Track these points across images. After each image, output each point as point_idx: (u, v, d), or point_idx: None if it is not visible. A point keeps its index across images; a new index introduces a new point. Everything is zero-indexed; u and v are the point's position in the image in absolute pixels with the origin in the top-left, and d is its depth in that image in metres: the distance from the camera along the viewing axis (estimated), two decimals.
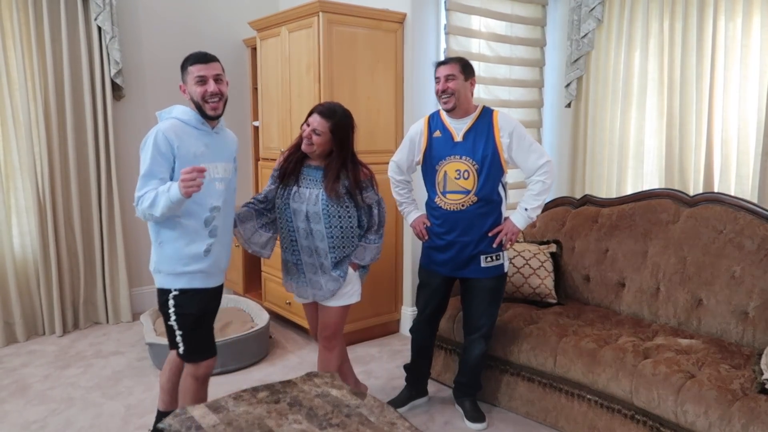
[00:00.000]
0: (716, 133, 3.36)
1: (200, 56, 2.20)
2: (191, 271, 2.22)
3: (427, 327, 2.91)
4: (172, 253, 2.21)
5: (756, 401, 2.09)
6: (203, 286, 2.26)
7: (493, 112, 2.67)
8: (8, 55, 3.69)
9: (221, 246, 2.31)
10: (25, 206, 3.87)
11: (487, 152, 2.60)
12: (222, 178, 2.27)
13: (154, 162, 2.11)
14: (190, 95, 2.20)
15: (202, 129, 2.23)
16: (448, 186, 2.66)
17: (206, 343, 2.34)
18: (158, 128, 2.15)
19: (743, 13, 3.19)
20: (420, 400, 3.02)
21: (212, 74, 2.17)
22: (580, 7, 3.90)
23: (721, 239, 2.83)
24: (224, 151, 2.32)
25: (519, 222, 2.67)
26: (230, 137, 2.43)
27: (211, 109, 2.19)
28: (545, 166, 2.63)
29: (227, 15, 4.61)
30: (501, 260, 2.71)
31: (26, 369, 3.43)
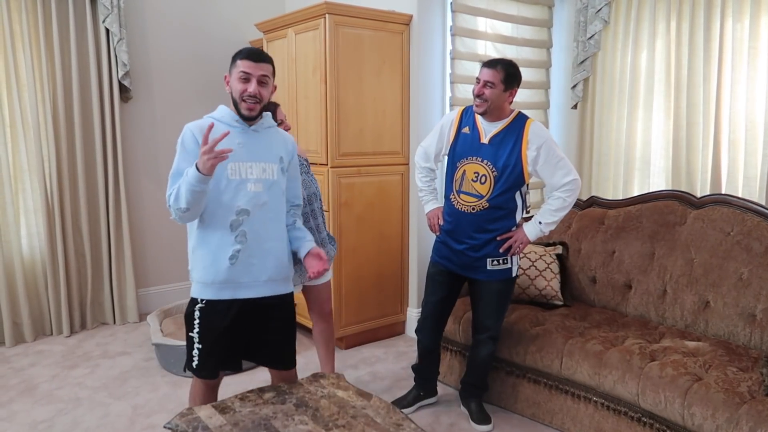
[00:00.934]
0: (723, 134, 3.35)
1: (252, 52, 2.06)
2: (216, 281, 2.06)
3: (432, 327, 2.87)
4: (200, 260, 2.08)
5: (763, 404, 2.08)
6: (232, 298, 2.08)
7: (526, 121, 2.59)
8: (17, 56, 3.72)
9: (255, 254, 2.09)
10: (33, 207, 3.89)
11: (509, 162, 2.55)
12: (258, 180, 2.08)
13: (181, 159, 2.05)
14: (231, 89, 2.09)
15: (236, 126, 2.09)
16: (464, 186, 2.64)
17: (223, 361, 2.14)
18: (188, 126, 2.08)
19: (751, 14, 3.17)
20: (429, 400, 3.00)
21: (258, 74, 2.04)
22: (587, 9, 3.89)
23: (729, 241, 2.81)
24: (265, 151, 2.12)
25: (531, 233, 2.63)
26: (279, 138, 2.21)
27: (246, 108, 2.05)
28: (570, 185, 2.56)
29: (234, 17, 4.62)
30: (509, 264, 2.68)
31: (34, 369, 3.45)
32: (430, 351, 2.91)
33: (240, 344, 2.16)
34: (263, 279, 2.12)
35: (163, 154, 4.42)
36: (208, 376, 2.16)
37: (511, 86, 2.54)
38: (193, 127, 2.08)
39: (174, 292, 4.54)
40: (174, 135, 4.41)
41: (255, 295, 2.11)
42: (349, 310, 3.66)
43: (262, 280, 2.12)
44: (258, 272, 2.10)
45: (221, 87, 4.59)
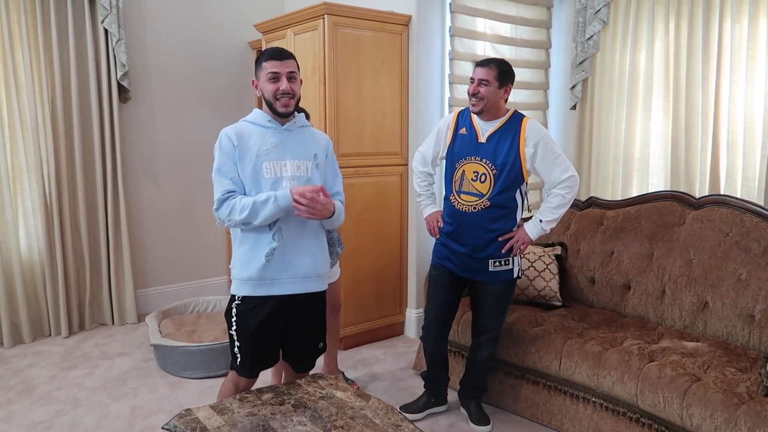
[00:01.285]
0: (722, 135, 3.35)
1: (276, 52, 2.12)
2: (252, 277, 2.11)
3: (437, 332, 2.83)
4: (239, 257, 2.14)
5: (762, 404, 2.08)
6: (268, 294, 2.13)
7: (523, 119, 2.60)
8: (15, 57, 3.72)
9: (292, 251, 2.14)
10: (32, 208, 3.89)
11: (508, 159, 2.55)
12: (293, 177, 2.13)
13: (222, 163, 2.11)
14: (262, 92, 2.15)
15: (270, 127, 2.16)
16: (464, 186, 2.63)
17: (263, 358, 2.20)
18: (223, 129, 2.15)
19: (749, 15, 3.18)
20: (439, 408, 2.94)
21: (286, 71, 2.10)
22: (586, 9, 3.89)
23: (728, 242, 2.81)
24: (299, 148, 2.18)
25: (532, 232, 2.62)
26: (312, 136, 2.26)
27: (282, 106, 2.11)
28: (569, 181, 2.56)
29: (233, 17, 4.62)
30: (510, 265, 2.66)
31: (32, 370, 3.45)
32: (437, 358, 2.87)
33: (277, 340, 2.22)
34: (299, 276, 2.16)
35: (161, 155, 4.42)
36: (248, 374, 2.20)
37: (505, 83, 2.55)
38: (228, 131, 2.15)
39: (172, 293, 4.53)
40: (173, 135, 4.43)
41: (290, 291, 2.16)
42: (347, 311, 3.66)
43: (299, 277, 2.16)
44: (294, 269, 2.15)
45: (220, 87, 4.61)
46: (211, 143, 4.91)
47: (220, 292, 4.76)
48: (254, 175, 2.10)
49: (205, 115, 4.58)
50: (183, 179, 4.53)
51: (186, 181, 4.54)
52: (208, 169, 4.93)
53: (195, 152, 4.56)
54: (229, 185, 2.09)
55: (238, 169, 2.11)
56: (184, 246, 4.59)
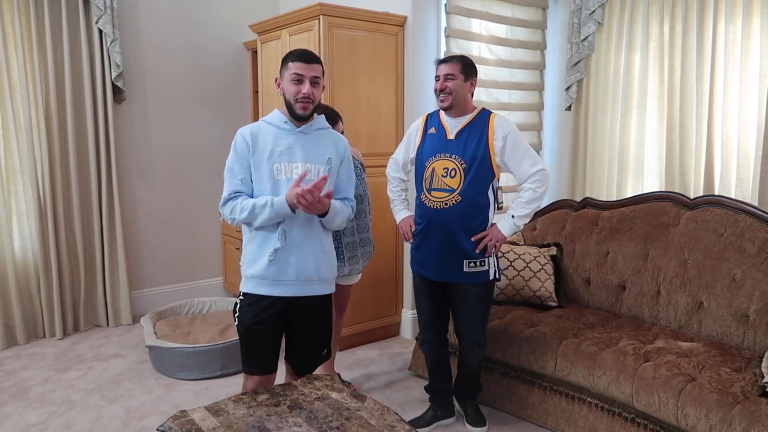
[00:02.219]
0: (716, 135, 3.36)
1: (303, 54, 2.14)
2: (257, 276, 2.15)
3: (432, 339, 2.79)
4: (246, 255, 2.19)
5: (757, 404, 2.08)
6: (267, 294, 2.15)
7: (490, 115, 2.61)
8: (9, 57, 3.70)
9: (294, 253, 2.14)
10: (26, 209, 3.87)
11: (477, 153, 2.53)
12: (305, 180, 2.10)
13: (234, 162, 2.14)
14: (283, 91, 2.16)
15: (285, 128, 2.16)
16: (434, 183, 2.59)
17: (259, 359, 2.21)
18: (240, 129, 2.17)
19: (743, 16, 3.19)
20: (446, 420, 2.87)
21: (310, 75, 2.11)
22: (581, 10, 3.90)
23: (722, 242, 2.82)
24: (312, 152, 2.17)
25: (505, 229, 2.57)
26: (330, 139, 2.25)
27: (300, 108, 2.12)
28: (538, 174, 2.54)
29: (228, 18, 4.62)
30: (486, 267, 2.60)
31: (26, 372, 3.43)
32: (437, 363, 2.83)
33: (275, 343, 2.23)
34: (301, 279, 2.17)
35: (156, 156, 4.40)
36: (253, 372, 2.23)
37: (470, 76, 2.56)
38: (245, 131, 2.17)
39: (167, 294, 4.52)
40: (168, 136, 4.42)
41: (290, 294, 2.17)
42: None
43: (300, 280, 2.17)
44: (296, 271, 2.15)
45: (215, 87, 4.60)
46: (205, 144, 4.94)
47: (215, 294, 4.75)
48: (265, 176, 2.12)
49: (199, 115, 4.57)
50: (178, 180, 4.52)
51: (181, 182, 4.53)
52: (203, 170, 4.95)
53: (190, 153, 4.55)
54: (237, 185, 2.13)
55: (252, 168, 2.13)
56: (179, 247, 4.58)
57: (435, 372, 2.85)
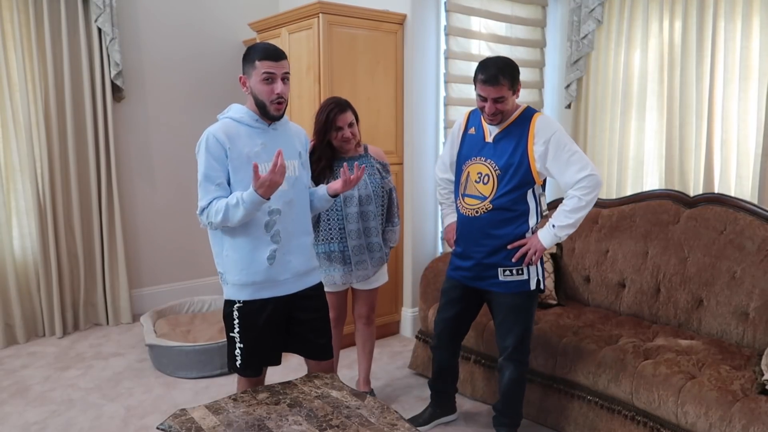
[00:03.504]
0: (716, 133, 3.36)
1: (271, 52, 2.02)
2: (256, 282, 2.09)
3: (447, 345, 2.70)
4: (236, 262, 2.09)
5: (756, 402, 2.08)
6: (271, 296, 2.13)
7: (533, 115, 2.38)
8: (8, 56, 3.69)
9: (290, 251, 2.13)
10: (25, 208, 3.87)
11: (513, 160, 2.34)
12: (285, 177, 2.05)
13: (210, 167, 2.02)
14: (252, 91, 2.06)
15: (257, 127, 2.09)
16: (468, 189, 2.46)
17: (265, 358, 2.21)
18: (209, 130, 2.04)
19: (743, 14, 3.19)
20: (447, 418, 2.83)
21: (281, 73, 2.03)
22: (580, 8, 3.90)
23: (722, 240, 2.82)
24: (286, 148, 2.09)
25: (545, 239, 2.36)
26: (293, 131, 2.21)
27: (275, 110, 2.05)
28: (585, 181, 2.29)
29: (227, 16, 4.61)
30: (525, 275, 2.42)
31: (26, 370, 3.43)
32: (445, 368, 2.75)
33: (280, 339, 2.22)
34: (300, 273, 2.18)
35: (156, 154, 4.40)
36: (252, 374, 2.21)
37: (516, 85, 2.33)
38: (216, 132, 2.04)
39: (167, 292, 4.52)
40: (167, 134, 4.41)
41: (293, 290, 2.17)
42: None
43: (299, 275, 2.18)
44: (294, 268, 2.16)
45: (214, 85, 4.59)
46: None
47: (215, 292, 4.75)
48: (246, 178, 2.02)
49: (199, 114, 4.56)
50: (177, 179, 4.51)
51: (180, 181, 4.53)
52: None
53: (189, 152, 4.51)
54: (215, 191, 2.02)
55: (229, 171, 2.04)
56: (178, 245, 4.58)
57: (440, 375, 2.78)
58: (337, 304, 2.88)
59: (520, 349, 2.50)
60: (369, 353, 3.03)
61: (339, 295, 2.87)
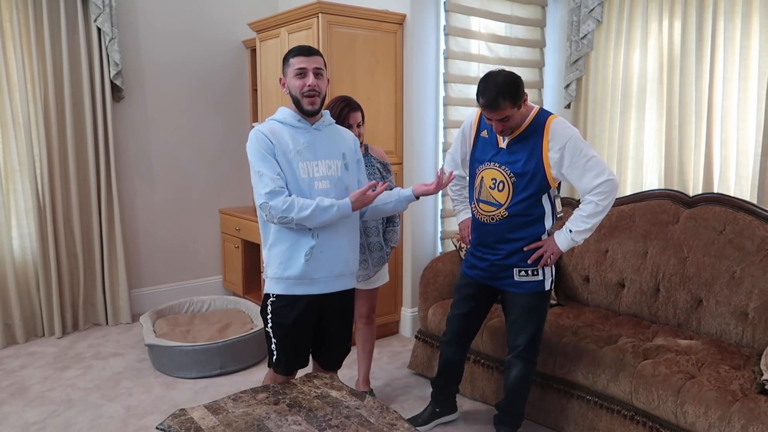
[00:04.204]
0: (716, 133, 3.36)
1: (303, 49, 2.13)
2: (291, 277, 2.13)
3: (457, 342, 2.69)
4: (276, 257, 2.15)
5: (756, 402, 2.08)
6: (304, 293, 2.15)
7: (547, 119, 2.32)
8: (8, 56, 3.69)
9: (329, 250, 2.15)
10: (25, 208, 3.87)
11: (528, 168, 2.31)
12: (324, 177, 2.13)
13: (264, 158, 2.07)
14: (289, 89, 2.14)
15: (300, 126, 2.15)
16: (483, 194, 2.43)
17: (297, 357, 2.25)
18: (255, 128, 2.14)
19: (742, 13, 3.18)
20: (447, 417, 2.83)
21: (312, 67, 2.10)
22: (580, 8, 3.90)
23: (721, 240, 2.83)
24: (329, 148, 2.18)
25: (562, 243, 2.35)
26: (340, 134, 2.27)
27: (308, 103, 2.11)
28: (603, 186, 2.26)
29: (227, 16, 4.61)
30: (540, 276, 2.42)
31: (25, 370, 3.43)
32: (451, 363, 2.73)
33: (308, 338, 2.26)
34: (335, 274, 2.19)
35: (155, 154, 4.40)
36: (283, 371, 2.25)
37: (521, 99, 2.27)
38: (263, 129, 2.13)
39: (167, 292, 4.52)
40: (167, 134, 4.41)
41: (326, 290, 2.19)
42: None
43: (334, 276, 2.19)
44: (330, 267, 2.17)
45: (214, 85, 4.59)
46: (204, 142, 4.93)
47: (215, 292, 4.75)
48: (292, 176, 2.10)
49: (199, 114, 4.57)
50: (177, 179, 4.51)
51: (180, 180, 4.53)
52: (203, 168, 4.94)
53: (189, 152, 4.55)
54: (278, 180, 2.06)
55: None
56: (178, 245, 4.58)
57: (444, 371, 2.77)
58: None
59: (531, 349, 2.50)
60: (369, 353, 3.03)
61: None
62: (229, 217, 4.61)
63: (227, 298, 4.18)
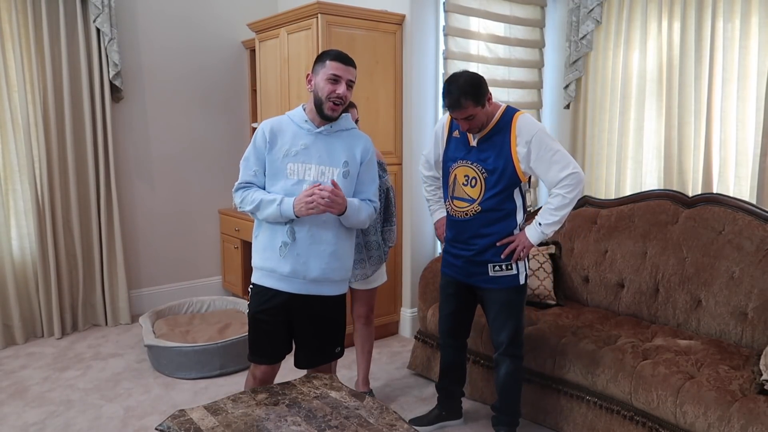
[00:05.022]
0: (715, 133, 3.36)
1: (343, 56, 2.15)
2: (265, 267, 2.20)
3: (451, 342, 2.73)
4: (257, 246, 2.24)
5: (755, 402, 2.09)
6: (273, 287, 2.19)
7: (514, 116, 2.40)
8: (7, 57, 3.69)
9: (307, 254, 2.15)
10: (24, 208, 3.86)
11: (498, 164, 2.38)
12: (315, 181, 2.12)
13: (251, 154, 2.20)
14: (315, 88, 2.14)
15: (304, 128, 2.17)
16: (456, 191, 2.50)
17: (262, 348, 2.27)
18: (264, 121, 2.21)
19: (741, 13, 3.19)
20: (452, 422, 2.82)
21: (347, 77, 2.13)
22: (579, 9, 3.90)
23: (720, 240, 2.83)
24: (328, 154, 2.16)
25: (532, 237, 2.41)
26: (351, 141, 2.23)
27: (330, 108, 2.12)
28: (568, 179, 2.33)
29: (226, 16, 4.61)
30: (514, 270, 2.46)
31: (25, 371, 3.43)
32: (450, 366, 2.76)
33: (281, 336, 2.26)
34: (310, 278, 2.18)
35: (154, 154, 4.40)
36: (251, 358, 2.30)
37: (485, 98, 2.34)
38: (266, 125, 2.20)
39: (166, 293, 4.52)
40: (166, 135, 4.42)
41: (298, 291, 2.19)
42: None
43: (309, 279, 2.18)
44: (305, 271, 2.17)
45: (213, 86, 4.59)
46: (204, 142, 4.94)
47: (214, 293, 4.75)
48: (278, 174, 2.15)
49: (198, 114, 4.56)
50: (176, 179, 4.51)
51: (179, 181, 4.53)
52: (202, 169, 4.95)
53: (188, 152, 4.55)
54: (250, 176, 2.20)
55: (267, 164, 2.18)
56: (177, 246, 4.57)
57: (446, 373, 2.79)
58: None
59: (514, 344, 2.54)
60: (368, 353, 3.03)
61: None
62: (228, 217, 4.61)
63: (227, 299, 4.18)
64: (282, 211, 2.10)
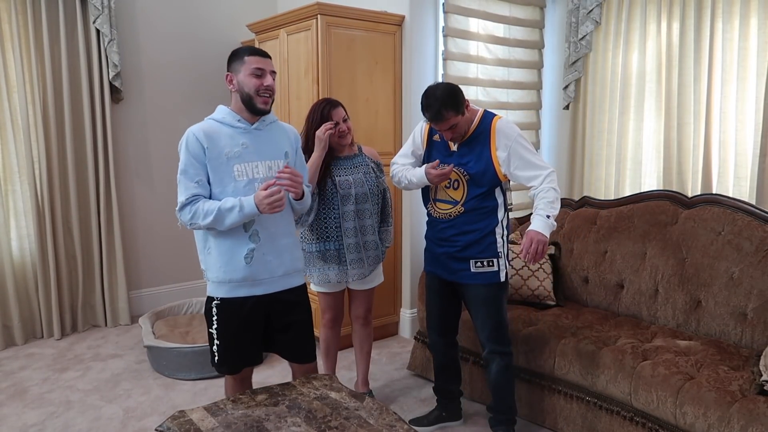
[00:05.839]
0: (714, 134, 3.37)
1: (258, 50, 2.14)
2: (234, 279, 2.12)
3: (440, 340, 2.74)
4: (215, 261, 2.13)
5: (755, 402, 2.09)
6: (249, 294, 2.15)
7: (492, 121, 2.47)
8: (7, 57, 3.69)
9: (272, 252, 2.16)
10: (24, 209, 3.87)
11: (479, 167, 2.45)
12: (265, 178, 2.11)
13: (188, 164, 2.08)
14: (240, 86, 2.11)
15: (239, 127, 2.13)
16: (439, 194, 2.56)
17: (242, 356, 2.23)
18: (189, 129, 2.10)
19: (741, 14, 3.19)
20: (452, 423, 2.83)
21: (269, 69, 2.13)
22: (578, 10, 3.91)
23: (720, 241, 2.83)
24: (270, 147, 2.17)
25: (544, 229, 2.36)
26: (282, 131, 2.26)
27: (262, 102, 2.11)
28: (551, 175, 2.43)
29: (225, 17, 4.61)
30: (495, 267, 2.50)
31: (24, 372, 3.42)
32: (444, 365, 2.78)
33: (258, 338, 2.23)
34: (279, 274, 2.19)
35: (154, 155, 4.40)
36: (228, 371, 2.25)
37: (463, 106, 2.39)
38: (197, 131, 2.09)
39: (166, 294, 4.51)
40: (166, 136, 4.41)
41: (272, 290, 2.19)
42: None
43: (278, 275, 2.19)
44: (274, 268, 2.17)
45: (213, 87, 4.59)
46: None
47: None
48: (225, 178, 2.08)
49: (197, 115, 4.49)
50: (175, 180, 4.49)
51: None
52: None
53: None
54: (194, 188, 2.07)
55: (208, 171, 2.08)
56: (177, 247, 4.57)
57: (441, 374, 2.81)
58: (335, 305, 2.90)
59: (500, 340, 2.57)
60: (367, 354, 3.03)
61: (336, 296, 2.88)
62: None
63: None
64: (246, 214, 2.03)
